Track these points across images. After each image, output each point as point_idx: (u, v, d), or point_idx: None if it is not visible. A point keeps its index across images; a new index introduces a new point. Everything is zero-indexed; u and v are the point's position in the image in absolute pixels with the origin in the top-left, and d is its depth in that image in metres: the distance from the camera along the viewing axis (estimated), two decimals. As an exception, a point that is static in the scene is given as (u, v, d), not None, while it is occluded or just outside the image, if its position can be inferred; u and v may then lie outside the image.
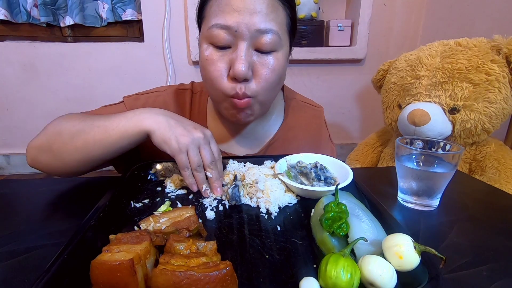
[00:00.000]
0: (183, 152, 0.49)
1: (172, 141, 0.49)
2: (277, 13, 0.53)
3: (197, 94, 0.72)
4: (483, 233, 0.45)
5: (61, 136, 0.53)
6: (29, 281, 0.34)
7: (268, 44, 0.53)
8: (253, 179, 0.51)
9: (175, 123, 0.51)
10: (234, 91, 0.54)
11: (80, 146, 0.52)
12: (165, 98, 0.70)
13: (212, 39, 0.53)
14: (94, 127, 0.52)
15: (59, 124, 0.56)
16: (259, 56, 0.54)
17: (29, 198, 0.55)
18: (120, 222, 0.42)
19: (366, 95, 2.09)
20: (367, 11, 1.85)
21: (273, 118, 0.72)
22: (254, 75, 0.55)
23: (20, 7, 1.68)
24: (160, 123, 0.50)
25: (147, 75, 1.91)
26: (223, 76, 0.54)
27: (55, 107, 1.88)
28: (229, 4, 0.51)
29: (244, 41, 0.52)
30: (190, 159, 0.49)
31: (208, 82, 0.57)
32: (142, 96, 0.69)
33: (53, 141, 0.54)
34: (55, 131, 0.55)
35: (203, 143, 0.51)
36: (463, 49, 1.06)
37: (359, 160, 1.50)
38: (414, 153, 0.52)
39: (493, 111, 1.02)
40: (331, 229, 0.36)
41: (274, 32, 0.52)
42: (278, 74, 0.56)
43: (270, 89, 0.57)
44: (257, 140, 0.71)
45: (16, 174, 2.02)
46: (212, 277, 0.27)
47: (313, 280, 0.30)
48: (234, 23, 0.51)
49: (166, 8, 1.78)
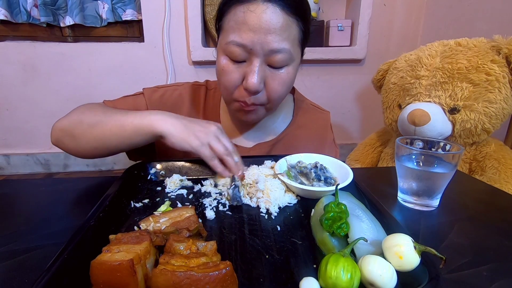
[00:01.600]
0: (205, 145, 0.53)
1: (192, 138, 0.52)
2: (290, 30, 0.57)
3: (211, 90, 0.77)
4: (483, 233, 0.45)
5: (82, 124, 0.58)
6: (29, 281, 0.34)
7: (280, 62, 0.57)
8: (253, 179, 0.51)
9: (189, 122, 0.55)
10: (243, 99, 0.60)
11: (98, 136, 0.57)
12: (182, 92, 0.75)
13: (229, 54, 0.58)
14: (112, 120, 0.57)
15: (82, 112, 0.61)
16: (271, 71, 0.59)
17: (29, 198, 0.55)
18: (120, 222, 0.42)
19: (366, 95, 2.09)
20: (367, 11, 1.85)
21: (282, 116, 0.77)
22: (265, 87, 0.60)
23: (20, 7, 1.67)
24: (175, 124, 0.54)
25: (147, 75, 1.91)
26: (236, 85, 0.60)
27: (55, 107, 1.88)
28: (246, 23, 0.54)
29: (258, 57, 0.56)
30: (215, 149, 0.53)
31: (221, 87, 0.63)
32: (161, 89, 0.74)
33: (74, 127, 0.59)
34: (77, 118, 0.60)
35: (220, 133, 0.55)
36: (463, 49, 1.06)
37: (359, 160, 1.50)
38: (414, 153, 0.52)
39: (493, 111, 1.02)
40: (331, 229, 0.36)
41: (286, 51, 0.56)
42: (288, 86, 0.62)
43: (278, 99, 0.63)
44: (266, 135, 0.76)
45: (16, 174, 2.02)
46: (212, 277, 0.27)
47: (313, 280, 0.30)
48: (250, 42, 0.54)
49: (166, 8, 1.78)
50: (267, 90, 0.60)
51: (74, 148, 0.60)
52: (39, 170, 2.03)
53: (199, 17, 1.77)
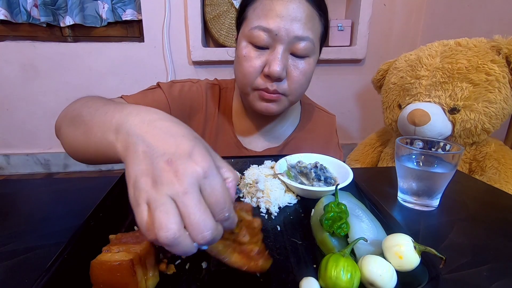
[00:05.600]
0: (141, 205, 0.26)
1: (130, 190, 0.27)
2: (314, 22, 0.59)
3: (224, 90, 0.76)
4: (483, 233, 0.45)
5: (66, 118, 0.46)
6: (29, 281, 0.34)
7: (303, 50, 0.58)
8: (253, 179, 0.51)
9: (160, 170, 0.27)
10: (264, 86, 0.59)
11: (80, 133, 0.40)
12: (199, 89, 0.73)
13: (253, 39, 0.58)
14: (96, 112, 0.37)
15: (79, 102, 0.47)
16: (293, 60, 0.59)
17: (29, 198, 0.55)
18: (120, 222, 0.42)
19: (366, 95, 2.09)
20: (367, 11, 1.85)
21: (291, 119, 0.77)
22: (287, 76, 0.60)
23: (20, 7, 1.67)
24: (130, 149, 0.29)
25: (147, 75, 1.91)
26: (258, 72, 0.59)
27: (55, 107, 1.87)
28: (273, 10, 0.56)
29: (282, 44, 0.57)
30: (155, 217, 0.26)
31: (241, 76, 0.62)
32: (177, 84, 0.71)
33: (68, 114, 0.46)
34: (73, 106, 0.47)
35: (198, 203, 0.26)
36: (463, 49, 1.06)
37: (359, 160, 1.50)
38: (414, 153, 0.52)
39: (493, 111, 1.02)
40: (331, 229, 0.36)
41: (309, 40, 0.58)
42: (308, 77, 0.62)
43: (300, 90, 0.63)
44: (275, 138, 0.76)
45: (16, 174, 2.02)
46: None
47: (313, 280, 0.30)
48: (276, 27, 0.56)
49: (166, 8, 1.78)
50: (288, 79, 0.60)
51: (65, 147, 0.47)
52: (39, 170, 2.03)
53: (199, 17, 1.77)
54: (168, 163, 0.25)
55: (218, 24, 1.79)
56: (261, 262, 0.31)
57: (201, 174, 0.25)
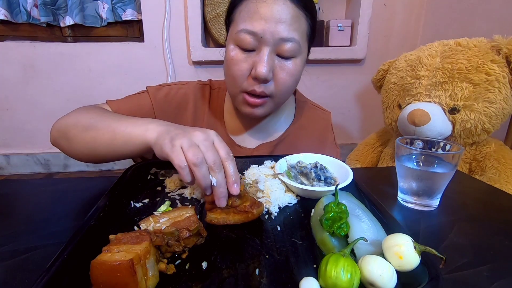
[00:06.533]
0: (176, 150, 0.41)
1: (166, 142, 0.42)
2: (300, 23, 0.58)
3: (215, 90, 0.77)
4: (483, 233, 0.45)
5: (76, 127, 0.56)
6: (29, 281, 0.34)
7: (289, 51, 0.58)
8: (253, 179, 0.51)
9: (175, 128, 0.46)
10: (252, 88, 0.60)
11: (89, 141, 0.54)
12: (186, 91, 0.74)
13: (239, 42, 0.58)
14: (105, 125, 0.53)
15: (79, 113, 0.59)
16: (279, 61, 0.59)
17: (29, 198, 0.55)
18: (120, 222, 0.42)
19: (366, 95, 2.09)
20: (367, 11, 1.85)
21: (284, 117, 0.78)
22: (274, 78, 0.60)
23: (20, 7, 1.67)
24: (160, 131, 0.47)
25: (147, 75, 1.91)
26: (245, 75, 0.60)
27: (55, 107, 1.88)
28: (258, 12, 0.56)
29: (268, 46, 0.57)
30: (186, 156, 0.40)
31: (230, 79, 0.62)
32: (165, 87, 0.73)
33: (69, 129, 0.57)
34: (74, 120, 0.57)
35: (203, 140, 0.42)
36: (463, 49, 1.06)
37: (359, 160, 1.50)
38: (414, 153, 0.52)
39: (493, 111, 1.02)
40: (331, 229, 0.36)
41: (295, 41, 0.58)
42: (295, 78, 0.63)
43: (286, 91, 0.63)
44: (269, 135, 0.76)
45: (16, 174, 2.02)
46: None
47: (313, 280, 0.30)
48: (260, 30, 0.56)
49: (166, 8, 1.78)
50: (275, 80, 0.60)
51: (68, 150, 0.59)
52: (39, 170, 2.03)
53: (199, 17, 1.77)
54: (193, 129, 0.44)
55: (218, 24, 1.79)
56: (255, 211, 0.42)
57: (212, 134, 0.44)
